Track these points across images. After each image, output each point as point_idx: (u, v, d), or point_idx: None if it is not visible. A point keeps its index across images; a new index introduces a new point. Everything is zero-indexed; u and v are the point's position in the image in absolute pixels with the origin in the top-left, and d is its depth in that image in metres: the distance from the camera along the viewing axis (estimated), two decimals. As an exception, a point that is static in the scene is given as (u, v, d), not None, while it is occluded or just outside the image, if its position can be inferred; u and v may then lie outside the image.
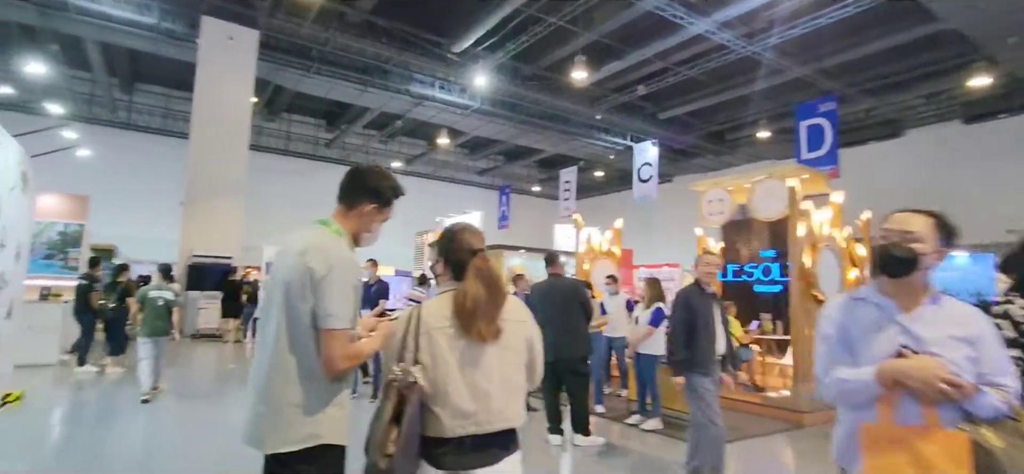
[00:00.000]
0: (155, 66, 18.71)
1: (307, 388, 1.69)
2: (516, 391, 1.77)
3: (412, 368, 1.64)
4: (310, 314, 1.69)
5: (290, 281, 1.71)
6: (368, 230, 1.97)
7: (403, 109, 19.38)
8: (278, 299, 1.73)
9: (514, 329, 1.79)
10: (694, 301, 3.93)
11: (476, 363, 1.69)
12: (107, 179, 19.42)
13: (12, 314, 5.47)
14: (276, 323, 1.71)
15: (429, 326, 1.69)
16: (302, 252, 1.73)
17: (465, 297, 1.70)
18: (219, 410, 6.58)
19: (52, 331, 8.01)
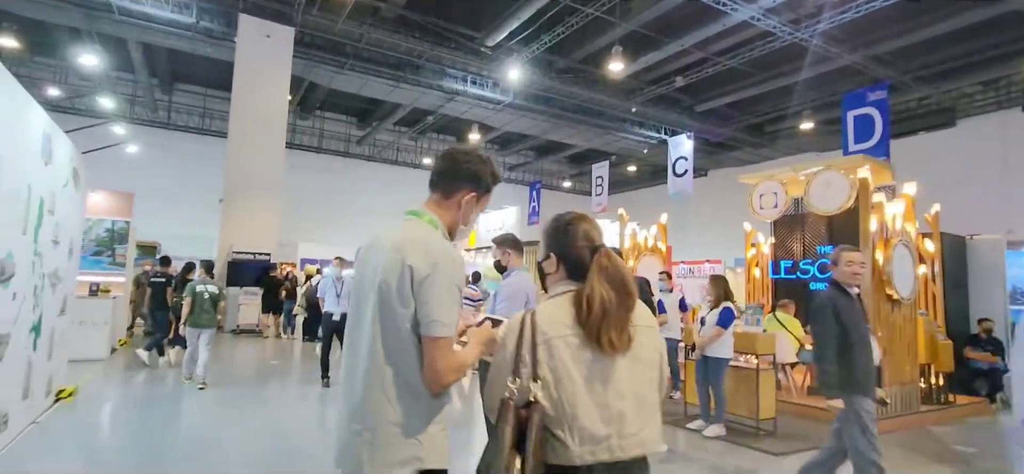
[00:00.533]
0: (193, 66, 19.03)
1: (407, 405, 1.48)
2: (651, 410, 1.50)
3: (531, 384, 1.40)
4: (411, 320, 1.47)
5: (386, 282, 1.49)
6: (466, 222, 1.72)
7: (435, 105, 19.31)
8: (371, 303, 1.52)
9: (645, 337, 1.52)
10: (841, 305, 3.34)
11: (606, 378, 1.43)
12: (149, 177, 19.83)
13: (66, 310, 5.49)
14: (370, 330, 1.51)
15: (547, 335, 1.44)
16: (398, 248, 1.51)
17: (591, 300, 1.43)
18: (263, 400, 6.55)
19: (102, 326, 8.10)
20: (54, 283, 4.89)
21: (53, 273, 4.85)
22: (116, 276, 9.63)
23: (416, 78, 16.95)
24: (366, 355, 1.51)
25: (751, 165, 22.97)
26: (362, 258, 1.65)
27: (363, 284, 1.58)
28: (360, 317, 1.57)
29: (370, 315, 1.52)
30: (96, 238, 9.53)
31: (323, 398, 6.93)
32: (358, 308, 1.59)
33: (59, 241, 4.94)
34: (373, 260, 1.57)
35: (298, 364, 9.59)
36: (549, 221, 1.67)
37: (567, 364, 1.42)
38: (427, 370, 1.47)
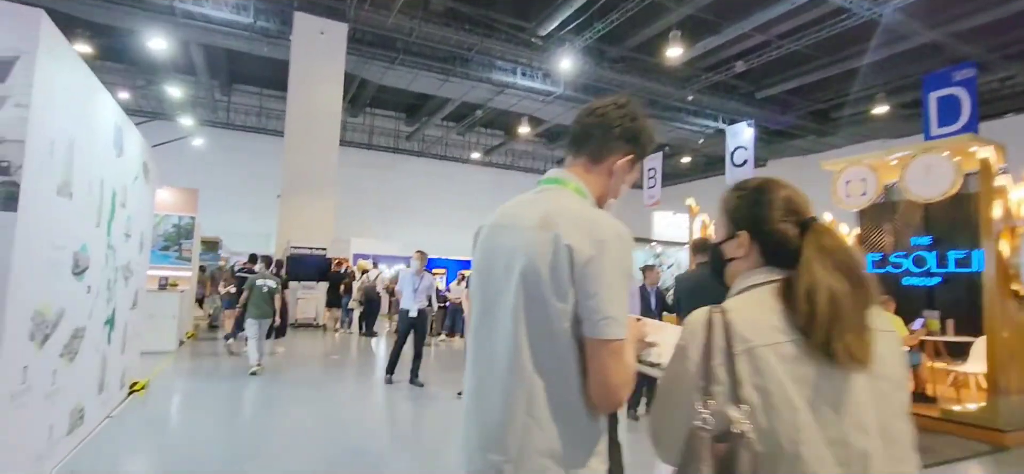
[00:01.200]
0: (250, 66, 19.45)
1: (565, 429, 1.13)
2: (904, 449, 1.05)
3: (732, 410, 0.99)
4: (570, 317, 1.13)
5: (532, 269, 1.16)
6: (617, 193, 1.38)
7: (484, 98, 19.08)
8: (509, 297, 1.18)
9: (886, 346, 1.07)
10: None
11: (839, 403, 1.00)
12: (210, 175, 20.44)
13: (137, 303, 5.49)
14: (509, 332, 1.17)
15: (749, 342, 1.03)
16: (548, 223, 1.17)
17: (813, 294, 1.03)
18: (328, 394, 6.46)
19: (170, 319, 8.24)
20: (126, 277, 4.87)
21: (125, 266, 4.83)
22: (183, 270, 9.82)
23: (465, 71, 16.77)
24: (505, 365, 1.18)
25: (814, 154, 21.76)
26: (487, 242, 1.32)
27: (493, 274, 1.25)
28: (492, 317, 1.24)
29: (509, 313, 1.19)
30: (164, 233, 9.73)
31: (388, 394, 6.78)
32: (488, 306, 1.25)
33: (131, 235, 4.92)
34: (507, 242, 1.24)
35: (359, 358, 9.55)
36: (729, 190, 1.27)
37: (782, 382, 1.00)
38: (595, 383, 1.13)
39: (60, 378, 3.40)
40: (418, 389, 6.75)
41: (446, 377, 7.62)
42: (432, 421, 5.80)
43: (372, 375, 8.11)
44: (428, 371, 8.47)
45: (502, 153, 27.06)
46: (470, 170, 26.89)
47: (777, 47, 14.64)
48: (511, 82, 17.27)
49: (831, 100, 17.91)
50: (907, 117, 17.19)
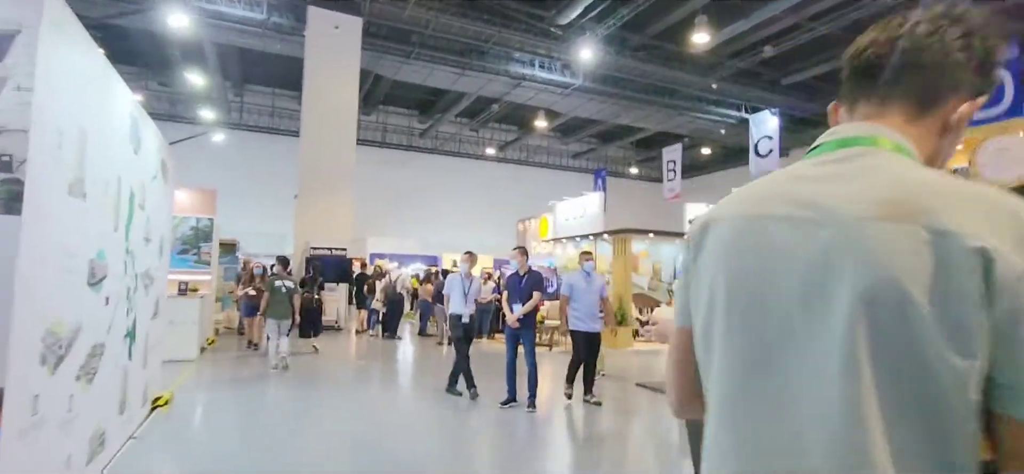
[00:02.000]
0: (263, 65, 19.11)
1: None
2: None
3: None
4: (976, 381, 0.62)
5: (891, 291, 0.64)
6: (949, 156, 0.86)
7: (500, 92, 18.61)
8: (830, 340, 0.67)
9: None
10: None
11: None
12: (225, 177, 20.12)
13: (159, 312, 5.09)
14: (836, 401, 0.66)
15: None
16: (904, 211, 0.67)
17: None
18: (361, 402, 6.04)
19: (191, 325, 7.86)
20: (147, 284, 4.46)
21: (145, 273, 4.42)
22: (202, 274, 9.44)
23: (482, 64, 16.30)
24: (827, 459, 0.67)
25: (838, 141, 21.08)
26: (743, 244, 0.80)
27: (771, 300, 0.74)
28: (779, 374, 0.72)
29: (833, 368, 0.67)
30: (182, 236, 9.36)
31: (427, 402, 6.35)
32: (765, 355, 0.74)
33: (150, 239, 4.51)
34: (808, 244, 0.72)
35: (385, 362, 9.13)
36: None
37: None
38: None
39: (77, 403, 2.99)
40: (456, 397, 6.29)
41: (487, 385, 7.15)
42: (485, 433, 5.36)
43: (403, 381, 7.69)
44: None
45: (517, 148, 26.58)
46: (485, 166, 26.43)
47: (809, 30, 14.02)
48: (529, 74, 16.77)
49: (860, 85, 17.22)
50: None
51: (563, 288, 6.00)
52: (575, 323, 5.90)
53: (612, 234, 10.80)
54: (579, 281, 6.01)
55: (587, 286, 6.00)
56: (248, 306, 9.38)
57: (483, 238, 25.45)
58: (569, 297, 5.92)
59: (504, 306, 5.88)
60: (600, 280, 6.19)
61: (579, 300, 5.94)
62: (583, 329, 5.89)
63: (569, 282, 6.04)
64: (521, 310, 5.62)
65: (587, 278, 6.02)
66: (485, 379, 6.25)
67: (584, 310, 5.91)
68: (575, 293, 5.93)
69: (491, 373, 7.56)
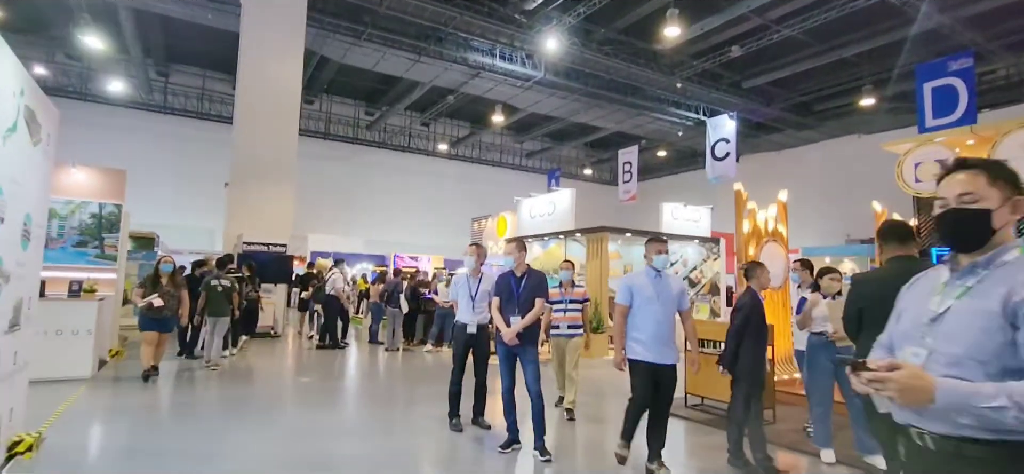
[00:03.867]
0: (191, 41, 17.06)
1: None
2: None
3: None
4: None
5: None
6: None
7: (456, 82, 17.44)
8: None
9: None
10: None
11: None
12: (145, 165, 17.87)
13: (22, 320, 3.66)
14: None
15: None
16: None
17: None
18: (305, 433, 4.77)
19: (84, 336, 6.25)
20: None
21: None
22: (105, 271, 7.77)
23: (439, 50, 15.09)
24: None
25: (788, 149, 21.33)
26: None
27: None
28: None
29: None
30: (80, 225, 7.66)
31: (448, 441, 5.08)
32: None
33: (3, 218, 3.12)
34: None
35: (329, 374, 7.78)
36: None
37: None
38: None
39: None
40: (484, 432, 4.85)
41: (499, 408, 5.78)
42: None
43: (357, 405, 6.42)
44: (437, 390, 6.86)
45: (469, 145, 25.43)
46: (436, 163, 25.11)
47: (774, 33, 13.73)
48: (488, 64, 15.71)
49: (816, 92, 17.31)
50: (891, 110, 16.78)
51: (621, 294, 3.91)
52: (638, 350, 3.77)
53: (586, 233, 9.89)
54: (645, 284, 3.84)
55: (658, 292, 3.83)
56: (147, 319, 6.51)
57: (432, 237, 24.12)
58: (629, 307, 3.84)
59: (496, 317, 4.38)
60: (679, 284, 4.04)
61: (645, 314, 3.79)
62: (651, 361, 3.75)
63: (629, 286, 3.90)
64: (521, 323, 4.20)
65: (658, 280, 3.89)
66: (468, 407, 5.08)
67: (653, 330, 3.73)
68: (640, 302, 3.80)
69: (442, 395, 6.46)
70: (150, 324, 6.51)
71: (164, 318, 6.64)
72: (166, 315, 6.64)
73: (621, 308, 3.90)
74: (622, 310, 3.89)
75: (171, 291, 6.70)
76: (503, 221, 15.62)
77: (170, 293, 6.68)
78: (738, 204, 6.52)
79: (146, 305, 6.45)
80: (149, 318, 6.50)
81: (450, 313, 10.06)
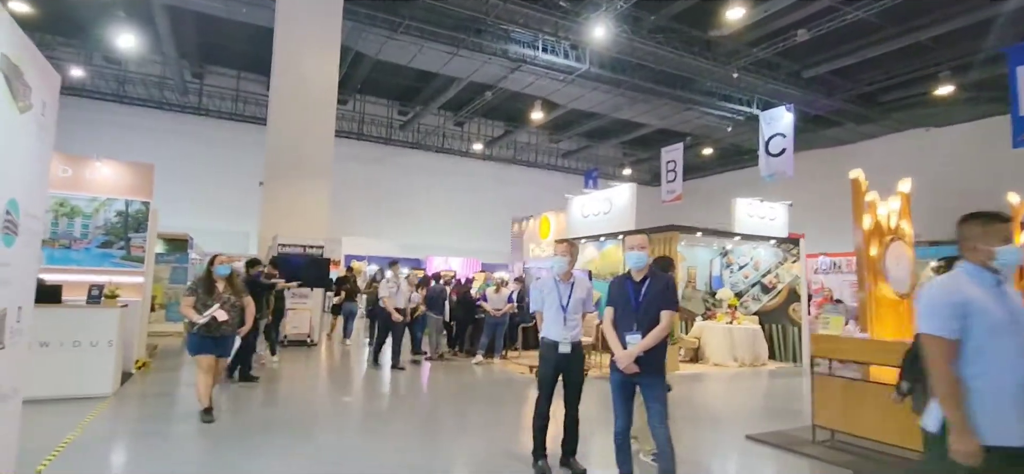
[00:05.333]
0: (226, 39, 16.60)
1: None
2: None
3: None
4: None
5: None
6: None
7: (495, 77, 16.57)
8: None
9: None
10: None
11: None
12: (178, 166, 17.49)
13: (7, 337, 2.84)
14: None
15: None
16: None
17: None
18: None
19: (105, 347, 5.51)
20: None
21: None
22: (132, 274, 7.07)
23: (478, 42, 14.24)
24: None
25: (847, 145, 19.81)
26: None
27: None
28: None
29: None
30: (105, 224, 6.97)
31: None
32: None
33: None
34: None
35: (372, 392, 6.92)
36: None
37: None
38: None
39: None
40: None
41: (507, 439, 4.82)
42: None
43: (423, 430, 5.51)
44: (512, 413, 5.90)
45: (504, 145, 24.56)
46: (470, 164, 24.32)
47: (846, 15, 12.45)
48: (530, 57, 14.79)
49: (884, 81, 15.87)
50: (969, 100, 15.28)
51: None
52: None
53: (652, 233, 8.84)
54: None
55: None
56: (201, 340, 4.90)
57: (468, 240, 23.31)
58: None
59: (608, 333, 3.32)
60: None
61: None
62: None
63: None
64: (643, 343, 3.14)
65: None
66: (508, 428, 4.08)
67: None
68: None
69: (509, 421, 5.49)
70: (206, 345, 4.88)
71: (224, 337, 5.00)
72: (226, 332, 4.99)
73: None
74: None
75: (232, 300, 5.02)
76: (546, 222, 14.65)
77: (231, 303, 4.99)
78: (856, 196, 5.43)
79: (207, 321, 4.80)
80: (204, 337, 4.86)
81: (501, 322, 9.19)
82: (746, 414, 6.37)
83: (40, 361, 5.15)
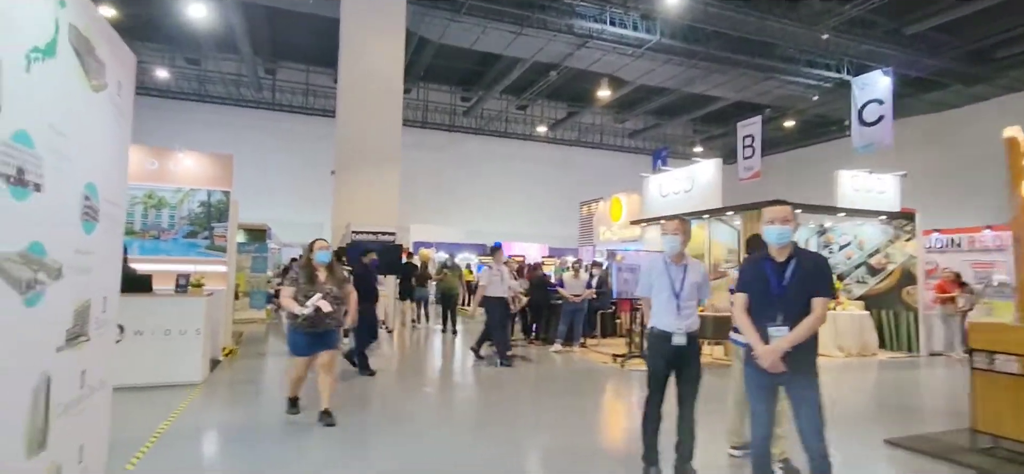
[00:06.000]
0: (296, 35, 16.97)
1: None
2: None
3: None
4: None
5: None
6: None
7: (560, 55, 15.97)
8: None
9: None
10: None
11: None
12: (253, 160, 18.10)
13: (92, 328, 2.69)
14: None
15: None
16: None
17: None
18: None
19: (193, 336, 5.54)
20: (34, 283, 2.05)
21: (15, 258, 2.03)
22: (216, 263, 7.15)
23: (542, 19, 13.72)
24: None
25: (954, 109, 17.75)
26: None
27: None
28: None
29: None
30: (190, 214, 7.08)
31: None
32: None
33: (39, 185, 2.08)
34: None
35: (462, 395, 6.68)
36: None
37: None
38: None
39: None
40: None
41: None
42: None
43: (517, 425, 5.19)
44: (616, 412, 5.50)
45: (568, 127, 23.91)
46: (533, 147, 23.87)
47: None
48: (597, 31, 14.09)
49: (1002, 34, 14.00)
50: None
51: None
52: None
53: (744, 211, 8.06)
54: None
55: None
56: (303, 337, 4.40)
57: (533, 225, 22.95)
58: None
59: (743, 323, 2.77)
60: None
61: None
62: None
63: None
64: (792, 336, 2.61)
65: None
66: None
67: None
68: None
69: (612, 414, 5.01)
70: (307, 343, 4.37)
71: (328, 331, 4.44)
72: (330, 327, 4.44)
73: None
74: None
75: (334, 290, 4.44)
76: (618, 203, 14.01)
77: (334, 294, 4.42)
78: (1012, 156, 4.55)
79: (311, 313, 4.22)
80: (306, 333, 4.33)
81: (580, 309, 8.72)
82: (874, 413, 5.59)
83: (135, 350, 5.21)
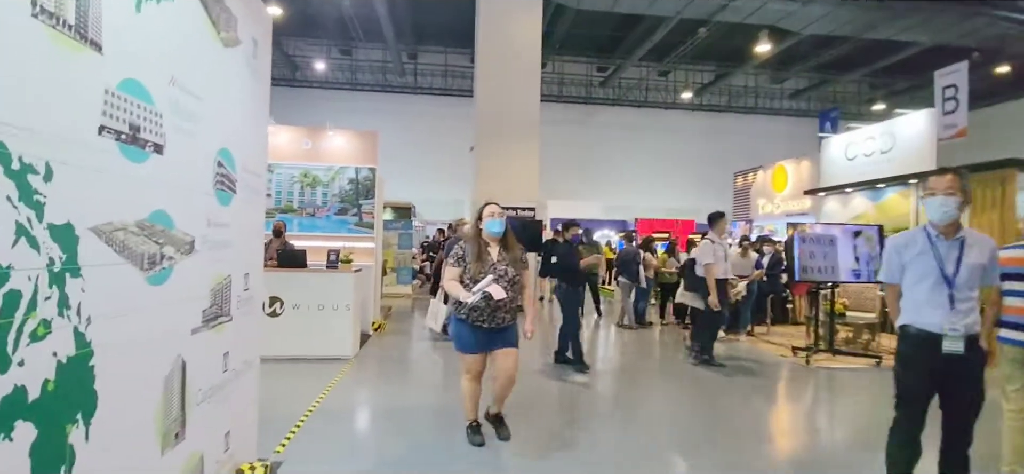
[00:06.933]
0: (435, 17, 17.26)
1: None
2: None
3: None
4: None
5: None
6: None
7: (711, 9, 14.26)
8: None
9: None
10: None
11: None
12: (396, 142, 18.92)
13: (234, 307, 2.48)
14: None
15: None
16: None
17: None
18: None
19: (343, 311, 5.57)
20: (154, 260, 1.79)
21: (135, 229, 1.77)
22: (364, 239, 7.26)
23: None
24: None
25: None
26: None
27: None
28: None
29: None
30: (340, 192, 7.23)
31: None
32: None
33: (161, 145, 1.81)
34: None
35: (636, 394, 6.04)
36: None
37: None
38: None
39: None
40: None
41: None
42: None
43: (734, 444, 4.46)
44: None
45: (714, 92, 21.72)
46: (676, 117, 22.10)
47: None
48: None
49: None
50: None
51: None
52: None
53: (976, 172, 6.29)
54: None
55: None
56: (470, 332, 3.31)
57: (677, 199, 21.38)
58: None
59: None
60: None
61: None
62: None
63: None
64: None
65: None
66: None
67: None
68: None
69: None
70: (476, 339, 3.29)
71: (503, 327, 3.30)
72: (506, 322, 3.30)
73: None
74: None
75: (510, 272, 3.29)
76: (782, 172, 12.22)
77: (509, 277, 3.27)
78: None
79: (479, 300, 3.10)
80: (475, 326, 3.26)
81: (752, 288, 7.49)
82: None
83: (293, 324, 5.34)
